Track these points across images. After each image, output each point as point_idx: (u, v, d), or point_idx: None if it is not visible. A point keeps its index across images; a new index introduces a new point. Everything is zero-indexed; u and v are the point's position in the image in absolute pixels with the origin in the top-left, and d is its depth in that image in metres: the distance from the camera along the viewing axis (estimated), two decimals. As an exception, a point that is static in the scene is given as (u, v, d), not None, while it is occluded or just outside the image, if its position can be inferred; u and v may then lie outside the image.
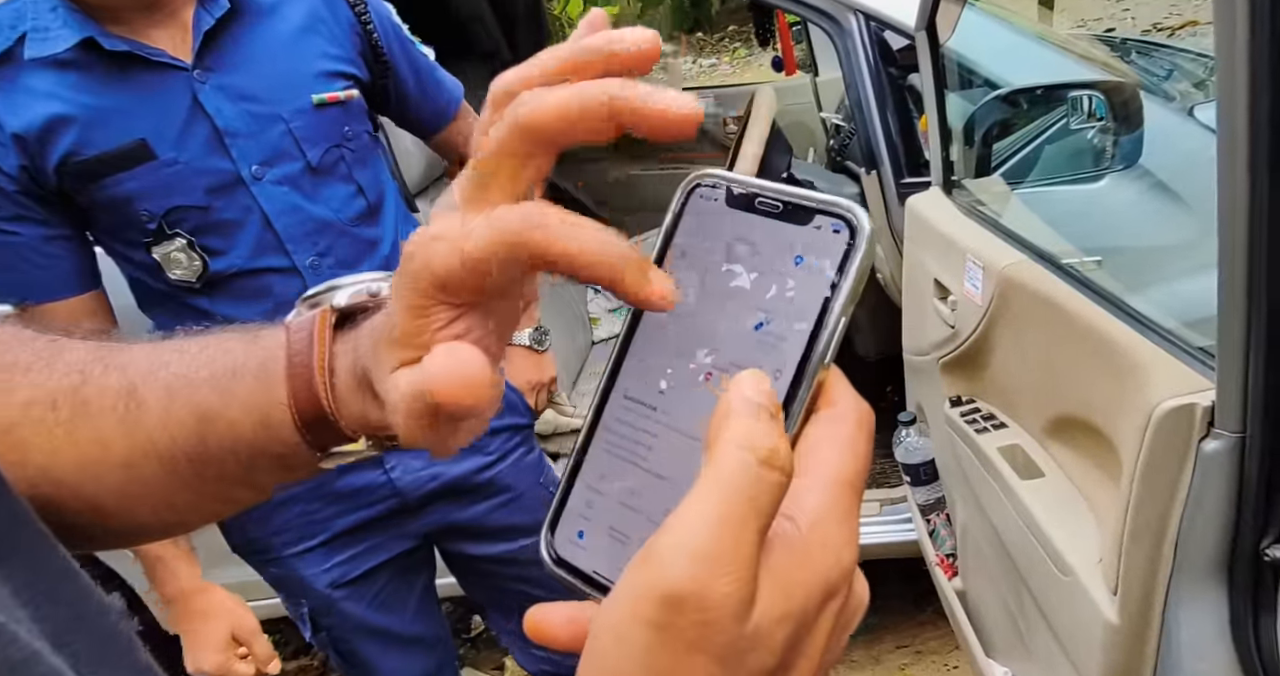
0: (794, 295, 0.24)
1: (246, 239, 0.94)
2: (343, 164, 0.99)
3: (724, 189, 0.26)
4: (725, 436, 0.22)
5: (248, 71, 0.92)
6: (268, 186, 0.94)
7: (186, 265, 0.93)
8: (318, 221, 0.97)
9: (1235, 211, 0.58)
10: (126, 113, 0.88)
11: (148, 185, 0.89)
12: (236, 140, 0.92)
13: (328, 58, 0.98)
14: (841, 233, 0.24)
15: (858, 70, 1.51)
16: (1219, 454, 0.65)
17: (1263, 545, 0.65)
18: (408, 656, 1.22)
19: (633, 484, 0.26)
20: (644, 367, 0.26)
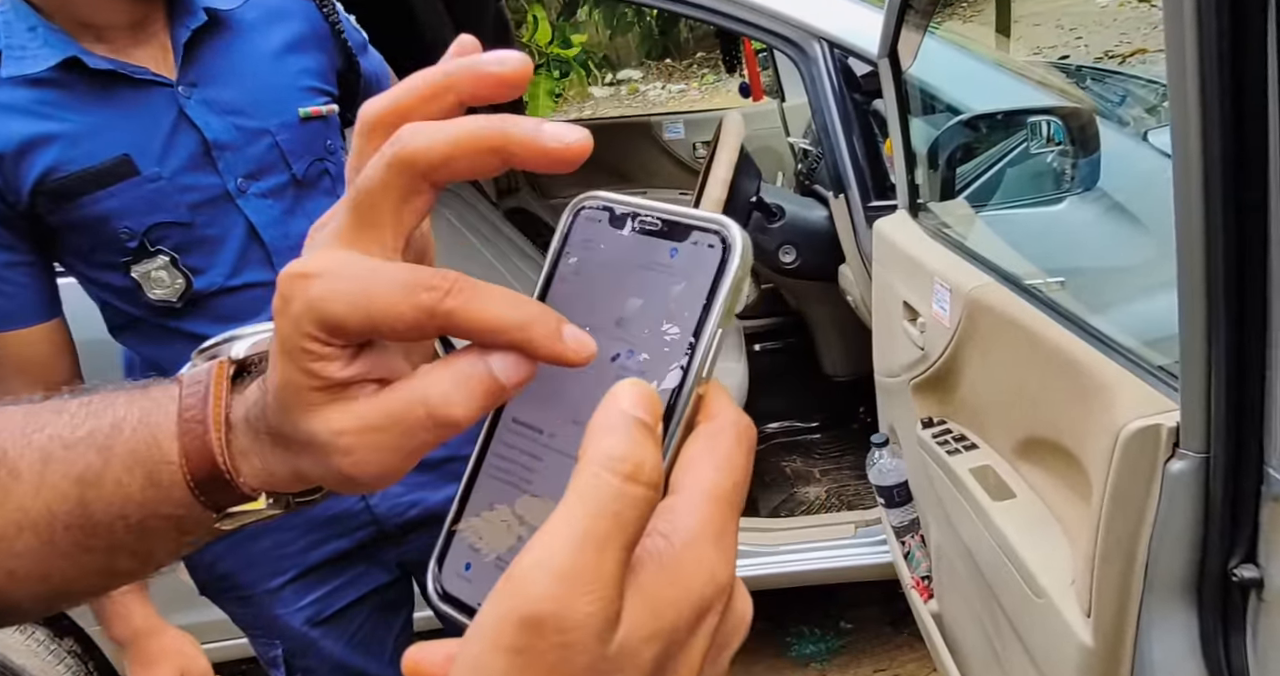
0: (673, 310, 0.25)
1: (228, 255, 0.92)
2: (326, 178, 0.99)
3: (607, 210, 0.27)
4: (591, 451, 0.21)
5: (233, 85, 0.91)
6: (253, 199, 0.92)
7: (169, 284, 0.90)
8: (301, 235, 0.95)
9: (1191, 234, 0.59)
10: (108, 129, 0.86)
11: (129, 202, 0.87)
12: (224, 153, 0.90)
13: (309, 73, 0.98)
14: (716, 248, 0.25)
15: (823, 96, 1.53)
16: (1184, 474, 0.66)
17: (1230, 565, 0.65)
18: None
19: (521, 510, 0.25)
20: (533, 389, 0.26)
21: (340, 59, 1.02)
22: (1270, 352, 0.58)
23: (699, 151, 2.79)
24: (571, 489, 0.21)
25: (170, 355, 0.95)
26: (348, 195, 0.25)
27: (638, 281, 0.25)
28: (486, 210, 2.43)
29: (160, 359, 0.96)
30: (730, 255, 0.24)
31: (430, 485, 1.05)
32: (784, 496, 2.11)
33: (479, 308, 0.23)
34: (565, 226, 0.27)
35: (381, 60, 1.16)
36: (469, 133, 0.23)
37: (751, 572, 1.79)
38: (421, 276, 0.23)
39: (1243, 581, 0.65)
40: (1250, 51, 0.52)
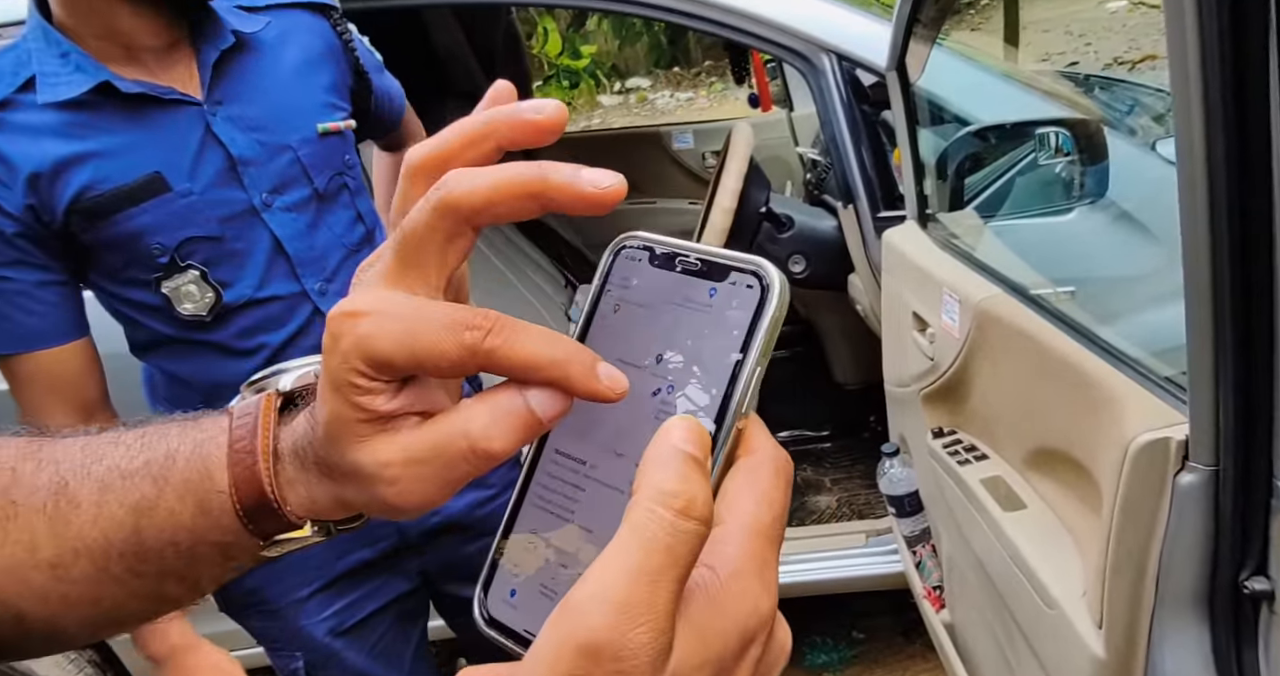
0: (712, 348, 0.26)
1: (255, 268, 0.95)
2: (345, 192, 1.01)
3: (648, 249, 0.28)
4: (645, 486, 0.22)
5: (256, 102, 0.94)
6: (278, 213, 0.95)
7: (199, 298, 0.93)
8: (325, 247, 0.98)
9: (1198, 247, 0.59)
10: (140, 148, 0.89)
11: (162, 217, 0.89)
12: (249, 169, 0.93)
13: (327, 89, 1.01)
14: (754, 288, 0.26)
15: (832, 108, 1.54)
16: (1194, 487, 0.66)
17: (1241, 577, 0.66)
18: None
19: (563, 539, 0.26)
20: (574, 422, 0.27)
21: (352, 76, 1.04)
22: (1277, 365, 0.58)
23: (708, 161, 2.81)
24: (626, 522, 0.22)
25: (196, 368, 0.97)
26: (393, 237, 0.26)
27: (678, 319, 0.26)
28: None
29: (185, 373, 0.98)
30: (769, 295, 0.25)
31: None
32: (795, 505, 2.11)
33: (519, 346, 0.25)
34: (606, 266, 0.28)
35: (395, 82, 1.18)
36: (509, 179, 0.25)
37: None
38: (464, 316, 0.25)
39: (1254, 593, 0.65)
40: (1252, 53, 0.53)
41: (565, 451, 0.27)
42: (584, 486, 0.27)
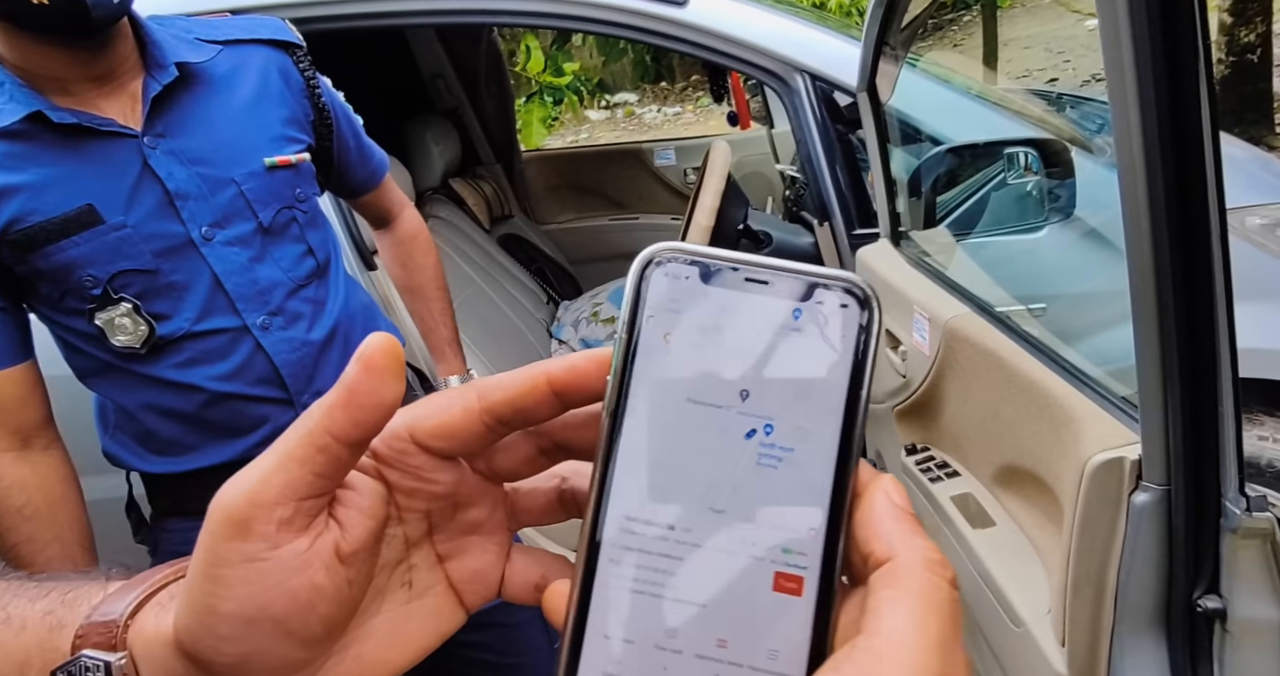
0: (811, 380, 0.23)
1: (194, 301, 0.93)
2: (294, 225, 1.00)
3: (696, 265, 0.23)
4: (907, 552, 0.22)
5: (199, 136, 0.93)
6: (218, 247, 0.93)
7: (131, 330, 0.91)
8: (269, 282, 0.97)
9: (1144, 275, 0.61)
10: (74, 179, 0.88)
11: (94, 250, 0.88)
12: (187, 202, 0.92)
13: (280, 122, 0.99)
14: (851, 306, 0.23)
15: (806, 127, 1.56)
16: (1148, 506, 0.67)
17: (1195, 596, 0.66)
18: None
19: (664, 621, 0.22)
20: (644, 483, 0.23)
21: (314, 112, 1.04)
22: (1222, 389, 0.59)
23: (690, 177, 2.83)
24: (910, 592, 0.21)
25: (136, 399, 0.95)
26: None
27: (759, 347, 0.23)
28: (480, 237, 2.46)
29: (128, 404, 0.96)
30: (871, 312, 0.23)
31: None
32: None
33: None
34: (636, 285, 0.24)
35: (379, 149, 1.19)
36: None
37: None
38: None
39: (1207, 612, 0.66)
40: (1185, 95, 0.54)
41: (641, 517, 0.23)
42: (680, 554, 0.23)
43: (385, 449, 0.26)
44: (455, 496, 0.27)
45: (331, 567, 0.24)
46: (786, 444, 0.23)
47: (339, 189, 1.18)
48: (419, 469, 0.26)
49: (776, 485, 0.23)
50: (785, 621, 0.22)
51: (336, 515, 0.25)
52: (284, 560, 0.23)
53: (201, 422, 0.95)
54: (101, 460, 1.01)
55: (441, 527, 0.28)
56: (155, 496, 1.04)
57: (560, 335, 2.35)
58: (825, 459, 0.23)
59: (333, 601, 0.24)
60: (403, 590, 0.27)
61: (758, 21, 1.56)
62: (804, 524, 0.23)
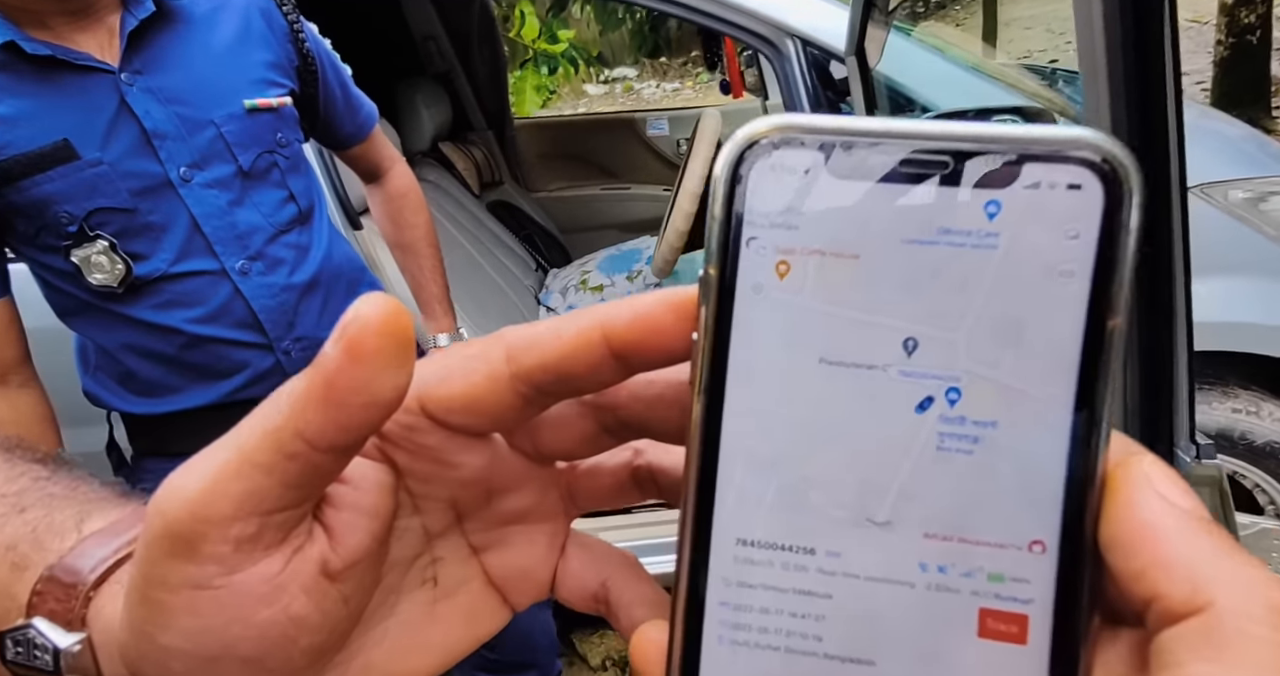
0: (1024, 312, 0.15)
1: (172, 242, 0.93)
2: (275, 170, 0.99)
3: (824, 149, 0.16)
4: (1236, 590, 0.13)
5: (178, 75, 0.93)
6: (196, 189, 0.93)
7: (108, 269, 0.91)
8: (248, 226, 0.96)
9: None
10: (49, 114, 0.87)
11: (69, 186, 0.88)
12: (165, 142, 0.91)
13: (262, 65, 0.99)
14: (1088, 188, 0.15)
15: (796, 93, 1.56)
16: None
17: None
18: None
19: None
20: (763, 490, 0.16)
21: (297, 57, 1.03)
22: (1177, 345, 0.61)
23: (682, 148, 2.82)
24: (1240, 668, 0.13)
25: (118, 339, 0.96)
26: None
27: (929, 268, 0.15)
28: (469, 202, 2.45)
29: (108, 343, 0.97)
30: (1125, 198, 0.15)
31: None
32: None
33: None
34: (728, 189, 0.16)
35: (367, 100, 1.18)
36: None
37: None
38: None
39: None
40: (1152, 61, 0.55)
41: (761, 540, 0.16)
42: (827, 591, 0.16)
43: (390, 425, 0.19)
44: (488, 482, 0.21)
45: (315, 589, 0.18)
46: (984, 416, 0.15)
47: (326, 139, 1.18)
48: (436, 450, 0.19)
49: (973, 478, 0.15)
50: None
51: (325, 519, 0.19)
52: (247, 588, 0.17)
53: (181, 364, 0.96)
54: (78, 411, 1.02)
55: (474, 516, 0.21)
56: (135, 436, 1.05)
57: (548, 302, 2.36)
58: (1052, 436, 0.15)
59: (320, 629, 0.18)
60: (424, 588, 0.21)
61: (749, -15, 1.55)
62: (1022, 536, 0.15)
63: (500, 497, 0.21)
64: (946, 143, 0.15)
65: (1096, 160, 0.15)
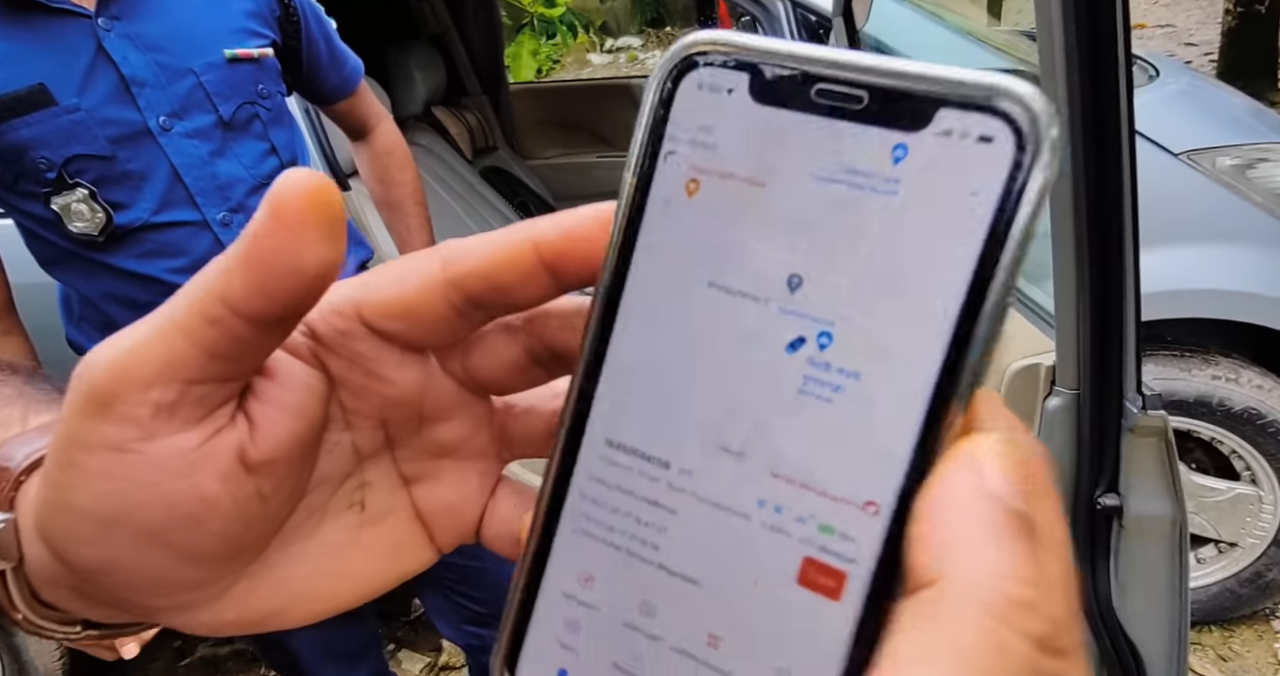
0: (914, 261, 0.14)
1: (153, 192, 0.93)
2: (257, 122, 0.99)
3: (747, 69, 0.16)
4: (974, 573, 0.13)
5: (157, 22, 0.92)
6: (177, 139, 0.93)
7: (89, 217, 0.91)
8: (229, 177, 0.97)
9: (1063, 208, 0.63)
10: (25, 57, 0.87)
11: (47, 132, 0.88)
12: (144, 90, 0.91)
13: (243, 15, 0.99)
14: (997, 142, 0.14)
15: (784, 57, 1.55)
16: (1059, 409, 0.70)
17: (1096, 494, 0.70)
18: (326, 634, 1.22)
19: (641, 591, 0.16)
20: (637, 397, 0.17)
21: (279, 7, 1.03)
22: (1126, 302, 0.62)
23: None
24: (947, 649, 0.12)
25: (98, 289, 0.97)
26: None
27: (830, 204, 0.15)
28: (461, 167, 2.45)
29: (90, 293, 0.98)
30: (1039, 155, 0.14)
31: None
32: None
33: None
34: (656, 99, 0.16)
35: (353, 56, 1.18)
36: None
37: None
38: None
39: (1106, 509, 0.70)
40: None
41: (626, 444, 0.17)
42: (673, 505, 0.16)
43: (326, 328, 0.19)
44: (420, 405, 0.21)
45: (231, 476, 0.18)
46: (849, 366, 0.15)
47: (311, 93, 1.18)
48: (370, 360, 0.20)
49: (826, 427, 0.15)
50: (807, 632, 0.15)
51: (249, 410, 0.19)
52: (161, 458, 0.18)
53: None
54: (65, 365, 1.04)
55: (405, 442, 0.22)
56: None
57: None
58: (910, 399, 0.14)
59: (231, 517, 0.19)
60: (351, 512, 0.21)
61: (740, -55, 1.54)
62: (859, 495, 0.15)
63: (432, 426, 0.21)
64: (866, 76, 0.15)
65: (1014, 113, 0.14)
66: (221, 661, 2.10)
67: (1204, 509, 1.67)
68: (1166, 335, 1.63)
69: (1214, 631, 1.75)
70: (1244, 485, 1.63)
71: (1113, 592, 0.73)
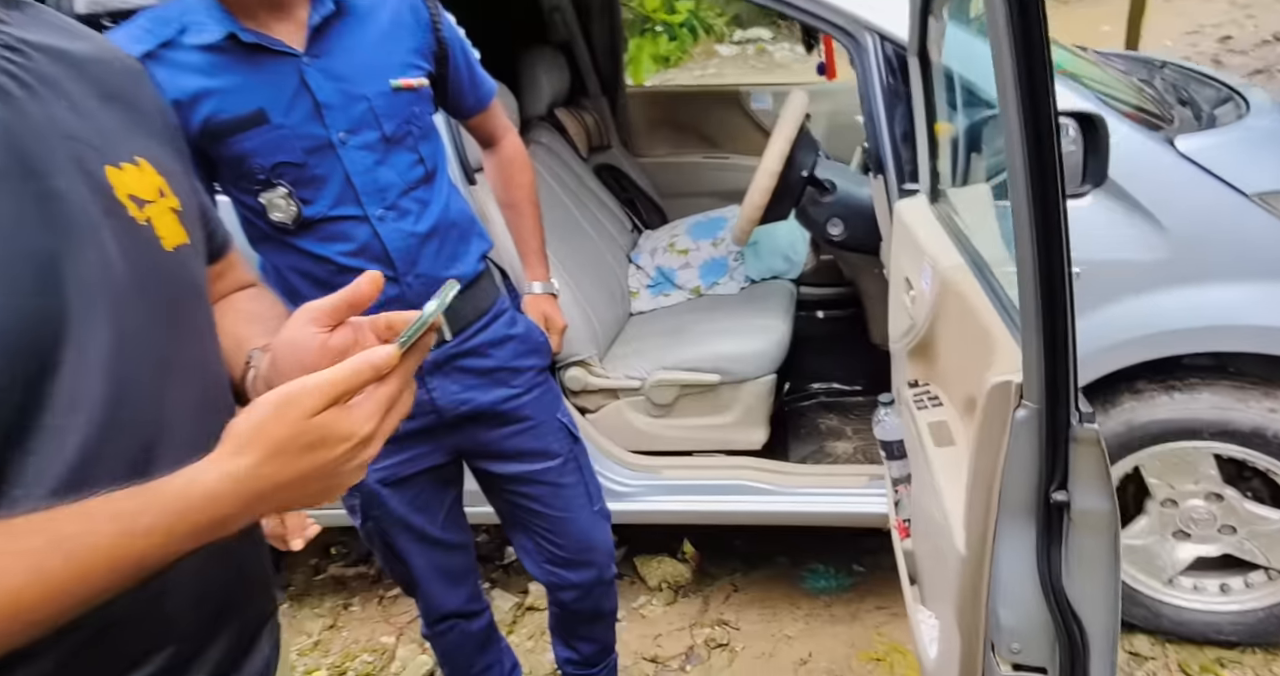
0: None
1: (331, 192, 1.19)
2: (410, 137, 1.24)
3: None
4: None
5: (344, 58, 1.18)
6: (350, 150, 1.18)
7: (284, 210, 1.19)
8: (387, 182, 1.22)
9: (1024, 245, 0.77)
10: (251, 89, 1.14)
11: (261, 144, 1.15)
12: (330, 111, 1.17)
13: (408, 51, 1.23)
14: None
15: (870, 84, 1.68)
16: (1025, 420, 0.85)
17: (1050, 490, 0.85)
18: (439, 557, 1.48)
19: None
20: None
21: (435, 44, 1.27)
22: (1071, 331, 0.76)
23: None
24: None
25: (288, 262, 1.25)
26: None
27: None
28: (577, 165, 2.68)
29: (281, 265, 1.26)
30: None
31: (480, 388, 1.34)
32: (815, 448, 2.31)
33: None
34: None
35: (489, 80, 1.43)
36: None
37: (771, 508, 2.01)
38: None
39: (1058, 503, 0.84)
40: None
41: None
42: None
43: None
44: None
45: (325, 354, 0.61)
46: None
47: (452, 110, 1.43)
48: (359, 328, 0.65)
49: None
50: None
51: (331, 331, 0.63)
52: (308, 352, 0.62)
53: (331, 287, 1.22)
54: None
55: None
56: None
57: (638, 261, 2.58)
58: None
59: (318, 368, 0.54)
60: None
61: (836, -19, 1.68)
62: None
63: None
64: None
65: None
66: (348, 581, 2.45)
67: (1255, 536, 1.70)
68: (1230, 366, 1.67)
69: (1258, 653, 1.78)
70: (1295, 518, 1.66)
71: (1062, 574, 0.87)
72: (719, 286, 2.47)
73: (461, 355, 1.33)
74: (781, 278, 2.51)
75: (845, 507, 1.98)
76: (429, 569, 1.47)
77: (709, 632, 2.08)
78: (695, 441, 2.09)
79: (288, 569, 2.48)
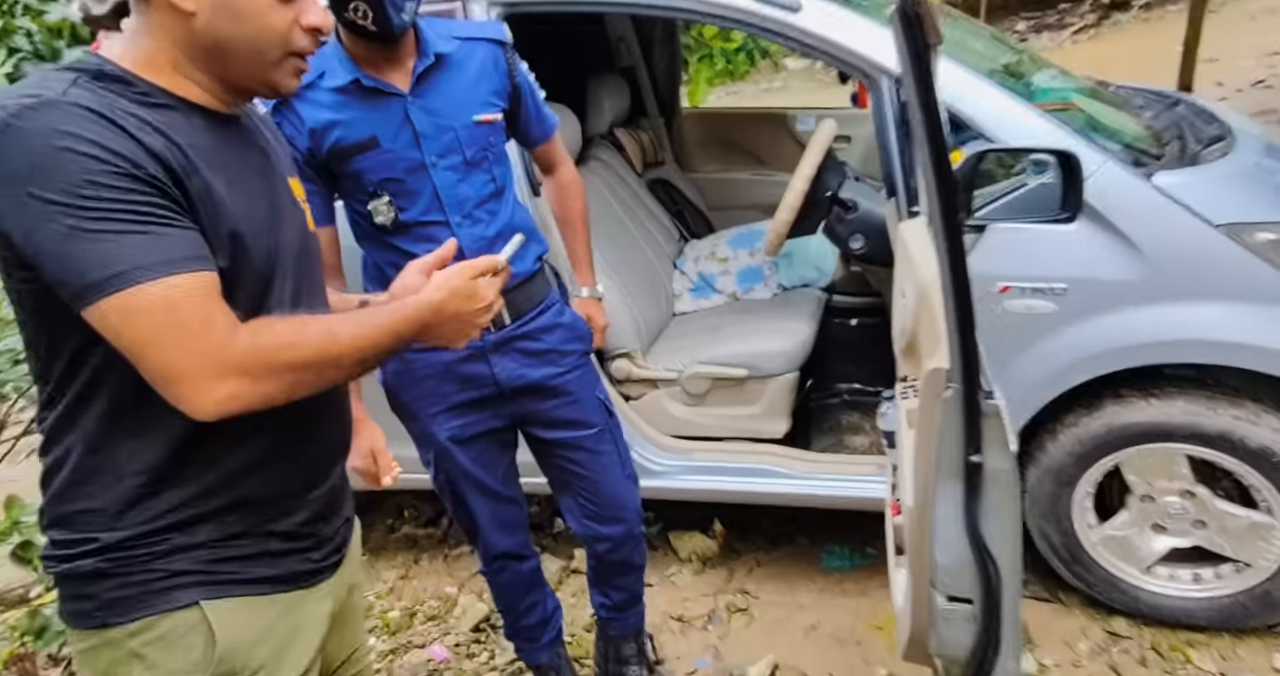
0: None
1: (422, 203, 1.51)
2: (486, 161, 1.56)
3: None
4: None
5: (439, 98, 1.50)
6: (440, 171, 1.51)
7: (386, 215, 1.52)
8: (465, 196, 1.54)
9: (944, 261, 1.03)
10: (367, 121, 1.48)
11: (373, 164, 1.48)
12: (426, 140, 1.49)
13: (488, 93, 1.56)
14: None
15: (884, 120, 1.92)
16: (952, 399, 1.10)
17: (968, 454, 1.10)
18: (497, 507, 1.79)
19: None
20: None
21: (510, 87, 1.60)
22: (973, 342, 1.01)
23: (823, 143, 3.17)
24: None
25: (385, 258, 1.58)
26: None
27: None
28: (632, 180, 2.98)
29: (379, 260, 1.59)
30: None
31: (533, 366, 1.65)
32: (835, 440, 2.55)
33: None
34: None
35: (553, 115, 1.74)
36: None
37: (790, 490, 2.26)
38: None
39: (973, 464, 1.09)
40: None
41: None
42: None
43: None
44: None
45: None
46: None
47: (520, 140, 1.76)
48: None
49: None
50: None
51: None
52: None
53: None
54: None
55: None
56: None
57: (682, 267, 2.86)
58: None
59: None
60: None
61: (857, 29, 1.93)
62: None
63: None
64: None
65: None
66: (419, 539, 2.79)
67: (1224, 531, 1.88)
68: (1208, 378, 1.86)
69: (1224, 637, 1.95)
70: (1260, 514, 1.84)
71: (979, 521, 1.12)
72: (754, 292, 2.74)
73: (518, 338, 1.64)
74: (812, 286, 2.76)
75: (857, 492, 2.21)
76: (488, 516, 1.78)
77: (731, 599, 2.34)
78: (725, 429, 2.36)
79: (367, 527, 2.83)
